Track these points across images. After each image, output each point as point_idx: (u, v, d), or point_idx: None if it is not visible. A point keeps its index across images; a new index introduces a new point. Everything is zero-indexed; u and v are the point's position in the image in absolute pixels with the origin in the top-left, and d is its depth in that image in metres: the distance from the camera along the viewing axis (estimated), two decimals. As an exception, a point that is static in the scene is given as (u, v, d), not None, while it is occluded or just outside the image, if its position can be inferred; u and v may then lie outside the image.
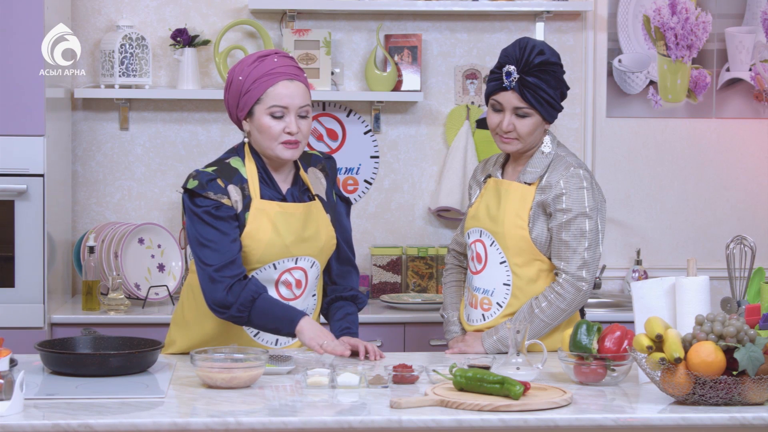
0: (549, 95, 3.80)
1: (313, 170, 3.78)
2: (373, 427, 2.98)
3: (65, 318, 4.76)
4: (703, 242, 5.49)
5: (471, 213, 3.96)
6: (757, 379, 3.06)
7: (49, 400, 3.10)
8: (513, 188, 3.86)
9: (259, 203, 3.62)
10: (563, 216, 3.78)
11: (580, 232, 3.78)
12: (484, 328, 3.87)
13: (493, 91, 3.85)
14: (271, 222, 3.62)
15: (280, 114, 3.59)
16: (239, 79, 3.61)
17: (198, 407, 3.08)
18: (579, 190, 3.79)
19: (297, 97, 3.60)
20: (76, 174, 5.29)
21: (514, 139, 3.85)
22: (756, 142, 5.47)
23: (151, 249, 5.04)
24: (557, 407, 3.08)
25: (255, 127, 3.62)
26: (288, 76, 3.60)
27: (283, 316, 3.55)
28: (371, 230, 5.39)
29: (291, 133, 3.59)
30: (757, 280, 4.01)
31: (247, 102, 3.60)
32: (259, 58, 3.62)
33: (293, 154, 3.62)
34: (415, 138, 5.40)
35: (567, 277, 3.77)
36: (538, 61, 3.78)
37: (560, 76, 3.84)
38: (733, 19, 5.44)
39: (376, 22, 5.34)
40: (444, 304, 4.09)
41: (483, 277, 3.88)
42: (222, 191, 3.58)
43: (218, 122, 5.31)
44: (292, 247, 3.64)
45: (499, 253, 3.84)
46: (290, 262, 3.66)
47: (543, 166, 3.85)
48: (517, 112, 3.82)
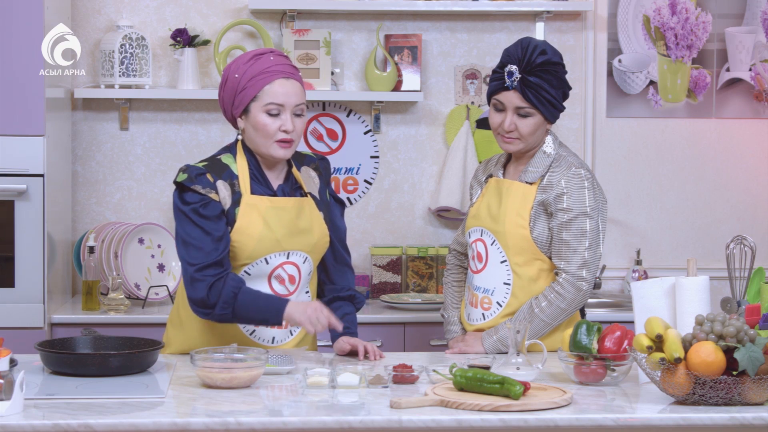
0: (551, 95, 3.80)
1: (306, 169, 3.78)
2: (373, 427, 2.98)
3: (65, 318, 4.76)
4: (703, 242, 5.49)
5: (472, 212, 3.96)
6: (757, 379, 3.06)
7: (49, 400, 3.10)
8: (514, 187, 3.86)
9: (250, 198, 3.63)
10: (564, 215, 3.78)
11: (581, 232, 3.78)
12: (484, 327, 3.87)
13: (495, 91, 3.85)
14: (262, 216, 3.62)
15: (276, 112, 3.60)
16: (235, 77, 3.62)
17: (198, 407, 3.08)
18: (580, 189, 3.79)
19: (293, 95, 3.62)
20: (76, 174, 5.29)
21: (516, 139, 3.85)
22: (756, 142, 5.47)
23: (151, 249, 5.04)
24: (557, 407, 3.08)
25: (250, 125, 3.63)
26: (284, 74, 3.62)
27: (268, 307, 3.56)
28: (371, 230, 5.39)
29: (287, 131, 3.60)
30: (757, 280, 4.01)
31: (243, 99, 3.61)
32: (255, 56, 3.64)
33: (286, 153, 3.64)
34: (415, 138, 5.40)
35: (567, 276, 3.77)
36: (540, 60, 3.78)
37: (562, 76, 3.84)
38: (733, 19, 5.44)
39: (376, 22, 5.34)
40: (444, 303, 4.09)
41: (483, 276, 3.88)
42: (210, 186, 3.59)
43: (218, 122, 5.31)
44: (284, 241, 3.64)
45: (500, 252, 3.84)
46: (282, 257, 3.66)
47: (544, 165, 3.85)
48: (518, 111, 3.82)
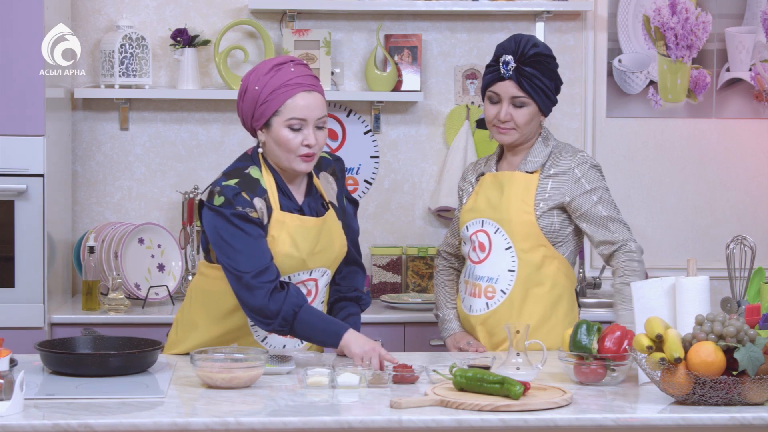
0: (545, 84, 3.88)
1: (324, 175, 3.74)
2: (373, 427, 2.98)
3: (65, 318, 4.76)
4: (703, 242, 5.48)
5: (467, 207, 3.99)
6: (757, 379, 3.06)
7: (49, 400, 3.10)
8: (516, 177, 3.91)
9: (279, 215, 3.57)
10: (593, 196, 3.87)
11: (611, 203, 3.91)
12: (487, 316, 3.89)
13: (490, 83, 3.92)
14: (290, 235, 3.57)
15: (298, 126, 3.52)
16: (255, 89, 3.53)
17: (198, 407, 3.08)
18: (592, 169, 3.91)
19: (315, 109, 3.54)
20: (76, 174, 5.29)
21: (512, 129, 3.90)
22: (756, 142, 5.47)
23: (151, 249, 5.04)
24: (557, 407, 3.08)
25: (272, 139, 3.55)
26: (306, 87, 3.53)
27: (327, 329, 3.52)
28: (371, 230, 5.38)
29: (309, 145, 3.53)
30: (757, 280, 4.01)
31: (264, 113, 3.53)
32: (275, 67, 3.54)
33: (308, 167, 3.57)
34: (415, 138, 5.40)
35: (630, 244, 3.87)
36: (532, 52, 3.88)
37: (554, 69, 3.95)
38: (733, 19, 5.44)
39: (376, 22, 5.34)
40: (437, 303, 4.12)
41: (487, 265, 3.90)
42: (249, 204, 3.52)
43: (218, 122, 5.31)
44: (308, 260, 3.61)
45: (505, 239, 3.87)
46: (305, 275, 3.64)
47: (544, 155, 3.92)
48: (514, 102, 3.89)
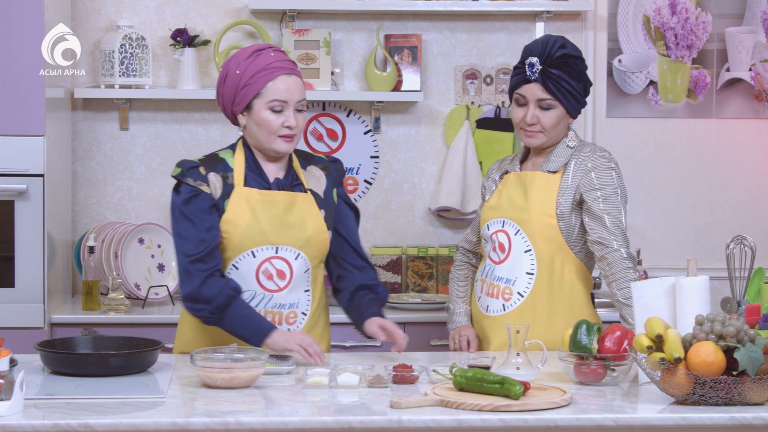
0: (572, 87, 3.84)
1: (312, 168, 3.80)
2: (373, 427, 2.98)
3: (65, 318, 4.76)
4: (703, 242, 5.48)
5: (490, 205, 3.97)
6: (757, 379, 3.06)
7: (49, 400, 3.10)
8: (537, 177, 3.90)
9: (241, 190, 3.65)
10: (598, 192, 3.84)
11: (615, 207, 3.85)
12: (503, 318, 3.88)
13: (517, 85, 3.90)
14: (250, 208, 3.64)
15: (279, 108, 3.64)
16: (236, 73, 3.65)
17: (198, 407, 3.08)
18: (608, 170, 3.87)
19: (295, 91, 3.66)
20: (76, 174, 5.29)
21: (539, 132, 3.88)
22: (756, 142, 5.47)
23: (151, 249, 5.04)
24: (557, 407, 3.08)
25: (253, 121, 3.66)
26: (286, 70, 3.66)
27: (254, 326, 3.55)
28: (371, 230, 5.38)
29: (290, 126, 3.64)
30: (757, 280, 4.01)
31: (245, 96, 3.64)
32: (255, 52, 3.66)
33: (289, 147, 3.67)
34: (415, 138, 5.40)
35: (622, 251, 3.81)
36: (559, 53, 3.84)
37: (582, 70, 3.90)
38: (733, 19, 5.44)
39: (376, 22, 5.34)
40: (451, 296, 4.13)
41: (506, 266, 3.90)
42: (202, 178, 3.63)
43: (218, 122, 5.31)
44: (270, 233, 3.64)
45: (525, 241, 3.86)
46: (270, 251, 3.66)
47: (567, 155, 3.91)
48: (540, 104, 3.86)
